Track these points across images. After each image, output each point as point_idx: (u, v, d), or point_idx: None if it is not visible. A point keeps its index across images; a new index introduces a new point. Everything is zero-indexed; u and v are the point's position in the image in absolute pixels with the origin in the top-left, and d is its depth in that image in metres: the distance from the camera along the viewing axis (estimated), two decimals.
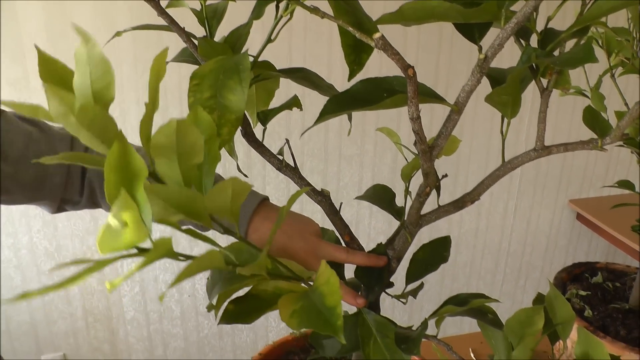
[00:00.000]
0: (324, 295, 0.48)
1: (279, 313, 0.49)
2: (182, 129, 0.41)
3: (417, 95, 0.46)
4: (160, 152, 0.42)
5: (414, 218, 0.63)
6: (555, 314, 0.72)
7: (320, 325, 0.45)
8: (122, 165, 0.38)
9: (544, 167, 2.15)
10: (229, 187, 0.42)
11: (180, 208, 0.42)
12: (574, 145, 0.55)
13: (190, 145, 0.42)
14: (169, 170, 0.43)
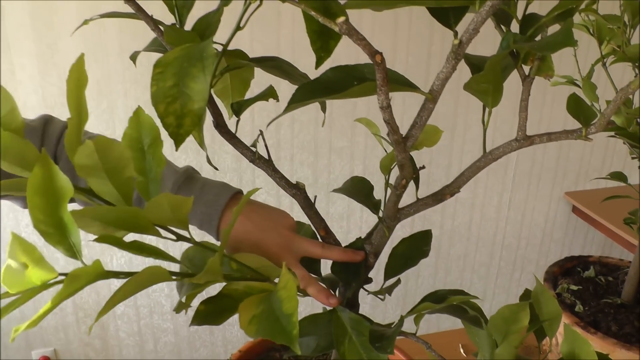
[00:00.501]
0: (282, 300, 0.45)
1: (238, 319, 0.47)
2: (101, 147, 0.39)
3: (386, 82, 0.44)
4: (87, 172, 0.41)
5: (391, 212, 0.61)
6: (541, 310, 0.70)
7: (277, 334, 0.43)
8: (45, 187, 0.37)
9: (539, 159, 2.12)
10: (163, 202, 0.40)
11: (120, 225, 0.41)
12: (557, 135, 0.52)
13: (115, 160, 0.41)
14: (103, 187, 0.42)
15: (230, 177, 1.86)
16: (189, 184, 0.68)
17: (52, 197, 0.37)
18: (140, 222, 0.42)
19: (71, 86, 0.40)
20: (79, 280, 0.35)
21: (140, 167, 0.48)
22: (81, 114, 0.41)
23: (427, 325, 2.29)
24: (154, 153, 0.48)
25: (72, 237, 0.38)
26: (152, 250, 0.43)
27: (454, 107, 1.95)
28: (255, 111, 1.80)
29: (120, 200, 0.43)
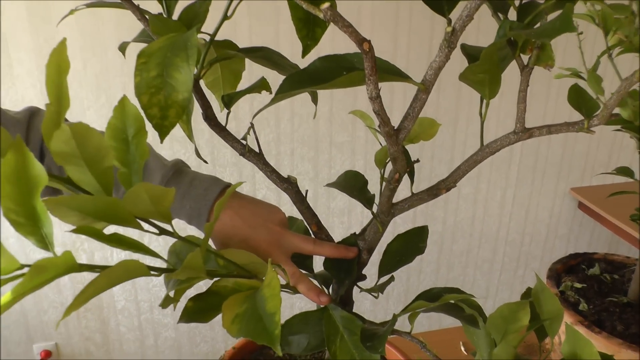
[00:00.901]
0: (265, 298, 0.44)
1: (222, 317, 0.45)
2: (79, 133, 0.37)
3: (375, 72, 0.42)
4: (65, 160, 0.39)
5: (385, 207, 0.59)
6: (542, 309, 0.68)
7: (258, 334, 0.42)
8: (18, 175, 0.35)
9: (544, 154, 2.10)
10: (142, 193, 0.38)
11: (99, 216, 0.39)
12: (558, 127, 0.50)
13: (94, 149, 0.39)
14: (82, 176, 0.40)
15: (230, 171, 1.84)
16: (178, 178, 0.66)
17: (24, 185, 0.35)
18: (120, 213, 0.40)
19: (51, 72, 0.39)
20: (46, 272, 0.33)
21: (123, 158, 0.46)
22: (62, 101, 0.40)
23: (429, 322, 2.27)
24: (137, 144, 0.46)
25: (45, 227, 0.37)
26: (131, 244, 0.41)
27: (456, 101, 1.92)
28: (254, 106, 1.78)
29: (99, 191, 0.41)
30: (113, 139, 0.46)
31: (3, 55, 1.57)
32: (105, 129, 0.46)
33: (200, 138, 1.78)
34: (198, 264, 0.44)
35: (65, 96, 0.39)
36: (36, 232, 0.37)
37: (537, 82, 1.95)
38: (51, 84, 0.38)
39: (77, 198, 0.37)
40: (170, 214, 0.43)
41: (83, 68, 1.63)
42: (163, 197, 0.40)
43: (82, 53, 1.61)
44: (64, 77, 0.39)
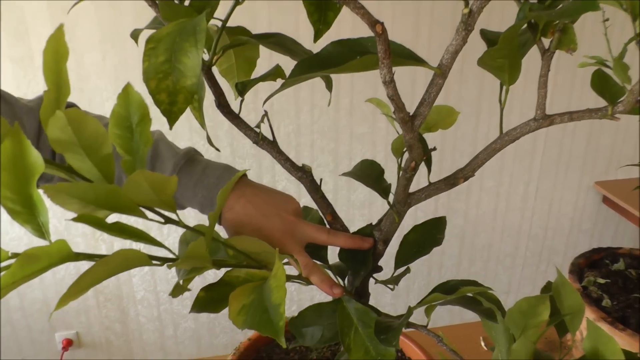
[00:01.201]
0: (271, 289, 0.43)
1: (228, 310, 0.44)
2: (74, 119, 0.37)
3: (388, 55, 0.40)
4: (63, 147, 0.38)
5: (401, 196, 0.57)
6: (562, 304, 0.65)
7: (263, 325, 0.41)
8: (15, 163, 0.35)
9: (568, 147, 2.05)
10: (141, 181, 0.37)
11: (101, 204, 0.38)
12: (580, 114, 0.48)
13: (92, 136, 0.39)
14: (81, 163, 0.39)
15: (249, 163, 1.84)
16: (190, 166, 0.65)
17: (21, 173, 0.35)
18: (122, 201, 0.39)
19: (48, 58, 0.38)
20: (38, 261, 0.32)
21: (128, 146, 0.45)
22: (61, 87, 0.39)
23: (450, 316, 2.25)
24: (141, 131, 0.45)
25: (41, 216, 0.36)
26: (133, 233, 0.41)
27: (478, 93, 1.89)
28: (274, 97, 1.77)
29: (100, 179, 0.41)
30: (117, 127, 0.45)
31: (24, 47, 1.58)
32: (109, 117, 0.45)
33: (220, 129, 1.77)
34: (202, 253, 0.43)
35: (65, 83, 0.38)
36: (32, 221, 0.36)
37: (561, 72, 1.90)
38: (49, 71, 0.37)
39: (77, 185, 0.36)
40: (174, 202, 0.42)
41: (102, 60, 1.63)
42: (165, 185, 0.39)
43: (101, 45, 1.62)
44: (62, 64, 0.38)
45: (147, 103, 0.46)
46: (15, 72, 1.60)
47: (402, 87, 1.78)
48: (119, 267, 0.37)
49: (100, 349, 2.02)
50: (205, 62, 0.58)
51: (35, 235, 0.36)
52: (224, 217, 0.62)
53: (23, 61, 1.59)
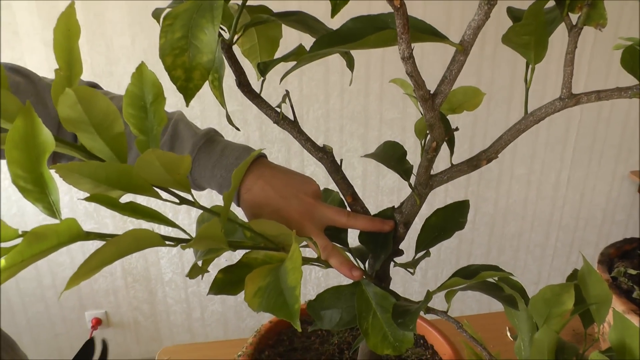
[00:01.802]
0: (287, 271, 0.42)
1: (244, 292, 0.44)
2: (84, 98, 0.36)
3: (407, 30, 0.39)
4: (74, 126, 0.38)
5: (423, 178, 0.56)
6: (588, 293, 0.64)
7: (278, 308, 0.40)
8: (26, 141, 0.35)
9: (602, 135, 2.00)
10: (152, 159, 0.37)
11: (114, 183, 0.38)
12: (608, 93, 0.46)
13: (102, 114, 0.38)
14: (94, 142, 0.39)
15: (278, 147, 1.84)
16: (209, 147, 0.65)
17: (32, 151, 0.35)
18: (135, 181, 0.39)
19: (58, 36, 0.38)
20: (47, 240, 0.32)
21: (142, 126, 0.45)
22: (72, 66, 0.39)
23: (478, 306, 2.22)
24: (155, 111, 0.45)
25: (52, 194, 0.36)
26: (146, 213, 0.40)
27: (511, 79, 1.85)
28: (303, 81, 1.76)
29: (112, 158, 0.40)
30: (131, 107, 0.45)
31: None
32: (123, 97, 0.45)
33: (249, 113, 1.78)
34: (216, 233, 0.42)
35: (77, 61, 0.38)
36: (43, 199, 0.36)
37: (596, 58, 1.85)
38: (60, 49, 0.37)
39: (88, 164, 0.36)
40: (188, 182, 0.42)
41: (131, 43, 1.65)
42: (178, 164, 0.39)
43: (130, 28, 1.63)
44: (74, 42, 0.38)
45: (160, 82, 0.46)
46: (48, 54, 1.62)
47: (433, 70, 1.75)
48: (131, 247, 0.37)
49: (128, 328, 2.06)
50: (225, 41, 0.58)
51: (45, 214, 0.36)
52: (242, 198, 0.62)
53: None
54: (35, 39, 1.60)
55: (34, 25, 1.58)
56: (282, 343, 0.83)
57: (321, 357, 0.80)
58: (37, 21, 1.58)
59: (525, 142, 1.96)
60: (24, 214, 1.80)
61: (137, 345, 2.09)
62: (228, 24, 0.58)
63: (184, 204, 0.44)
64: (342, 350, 0.81)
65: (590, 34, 1.82)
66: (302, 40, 0.68)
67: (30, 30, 1.59)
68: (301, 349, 0.82)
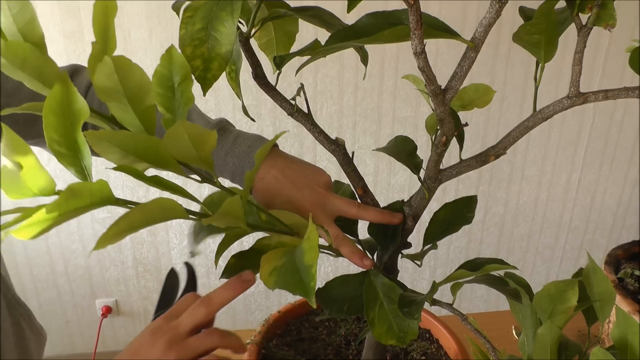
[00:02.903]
0: (303, 251, 0.44)
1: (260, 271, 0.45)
2: (121, 67, 0.38)
3: (420, 26, 0.40)
4: (108, 96, 0.39)
5: (432, 172, 0.57)
6: (592, 290, 0.64)
7: (294, 285, 0.42)
8: (62, 108, 0.37)
9: (614, 138, 1.99)
10: (182, 132, 0.38)
11: (141, 155, 0.39)
12: (616, 93, 0.47)
13: (136, 85, 0.39)
14: (125, 114, 0.40)
15: (291, 142, 1.86)
16: (222, 136, 0.66)
17: (68, 118, 0.37)
18: (161, 155, 0.40)
19: (97, 12, 0.39)
20: (81, 197, 0.34)
21: (169, 105, 0.46)
22: (107, 41, 0.40)
23: (485, 306, 2.23)
24: (183, 91, 0.46)
25: (85, 159, 0.38)
26: (170, 186, 0.42)
27: (525, 79, 1.85)
28: (318, 77, 1.78)
29: (141, 130, 0.42)
30: (159, 86, 0.46)
31: (76, 22, 1.63)
32: (152, 77, 0.46)
33: (263, 108, 1.79)
34: (237, 211, 0.44)
35: (112, 37, 0.39)
36: (77, 164, 0.38)
37: (611, 60, 1.85)
38: (97, 24, 0.38)
39: (119, 134, 0.37)
40: (211, 159, 0.43)
41: (149, 36, 1.67)
42: (205, 139, 0.40)
43: (148, 22, 1.65)
44: (111, 19, 0.39)
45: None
46: (67, 45, 1.65)
47: (447, 69, 1.76)
48: (156, 217, 0.39)
49: (137, 318, 2.08)
50: (243, 34, 0.59)
51: (78, 178, 0.38)
52: (255, 187, 0.63)
53: (74, 35, 1.64)
54: (55, 30, 1.62)
55: (54, 17, 1.61)
56: (290, 333, 0.85)
57: (328, 347, 0.81)
58: (57, 13, 1.61)
59: (537, 144, 1.96)
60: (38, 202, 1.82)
61: None
62: (246, 18, 0.59)
63: (205, 182, 0.46)
64: (349, 342, 0.82)
65: (605, 36, 1.82)
66: (318, 35, 0.70)
67: (50, 21, 1.61)
68: (308, 339, 0.83)
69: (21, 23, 0.37)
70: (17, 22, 0.37)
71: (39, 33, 0.38)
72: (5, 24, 0.37)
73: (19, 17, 0.37)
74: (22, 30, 0.37)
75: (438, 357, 0.80)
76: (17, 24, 0.37)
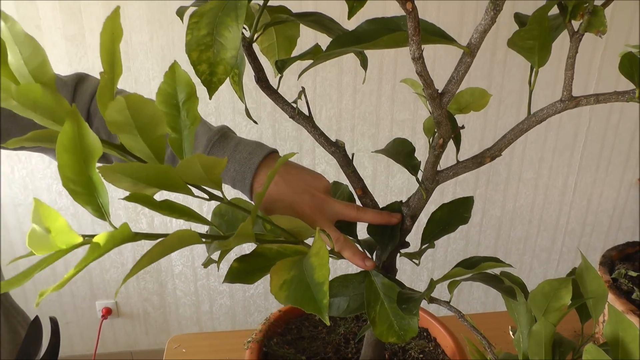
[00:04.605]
0: (313, 267, 0.45)
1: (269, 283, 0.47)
2: (133, 104, 0.38)
3: (418, 32, 0.42)
4: (118, 128, 0.40)
5: (429, 173, 0.59)
6: (585, 289, 0.66)
7: (306, 302, 0.43)
8: (75, 145, 0.36)
9: (610, 141, 2.02)
10: (196, 163, 0.39)
11: (151, 182, 0.40)
12: (607, 97, 0.49)
13: (148, 118, 0.40)
14: (135, 143, 0.41)
15: (290, 145, 1.87)
16: (223, 142, 0.67)
17: (81, 155, 0.36)
18: (172, 180, 0.41)
19: (105, 39, 0.39)
20: (105, 247, 0.34)
21: (174, 124, 0.47)
22: (115, 68, 0.40)
23: (483, 308, 2.24)
24: (188, 109, 0.47)
25: (101, 197, 0.37)
26: (183, 211, 0.43)
27: (521, 83, 1.87)
28: (317, 81, 1.80)
29: (151, 158, 0.43)
30: (164, 105, 0.47)
31: (77, 25, 1.64)
32: (156, 95, 0.47)
33: (263, 111, 1.81)
34: (249, 231, 0.45)
35: (118, 63, 0.40)
36: (93, 202, 0.38)
37: (606, 65, 1.87)
38: (105, 51, 0.38)
39: (131, 166, 0.38)
40: (221, 180, 0.44)
41: (150, 40, 1.68)
42: (215, 166, 0.41)
43: (149, 25, 1.67)
44: (117, 45, 0.40)
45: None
46: (68, 49, 1.66)
47: (444, 73, 1.78)
48: (174, 246, 0.40)
49: (137, 319, 2.09)
50: (246, 39, 0.61)
51: (95, 216, 0.38)
52: (255, 192, 0.65)
53: (75, 39, 1.66)
54: (57, 34, 1.64)
55: (56, 20, 1.63)
56: (290, 332, 0.86)
57: (327, 346, 0.83)
58: (59, 16, 1.62)
59: (534, 147, 1.98)
60: None
61: (146, 336, 2.13)
62: (249, 23, 0.61)
63: (213, 199, 0.47)
64: (348, 340, 0.84)
65: (601, 41, 1.85)
66: (317, 39, 0.71)
67: (52, 24, 1.63)
68: (308, 338, 0.85)
69: (33, 65, 0.37)
70: (28, 64, 0.37)
71: (50, 74, 0.38)
72: (16, 65, 0.37)
73: (30, 60, 0.37)
74: (33, 72, 0.37)
75: (435, 355, 0.82)
76: (29, 66, 0.37)
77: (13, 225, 1.87)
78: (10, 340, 0.77)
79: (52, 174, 1.79)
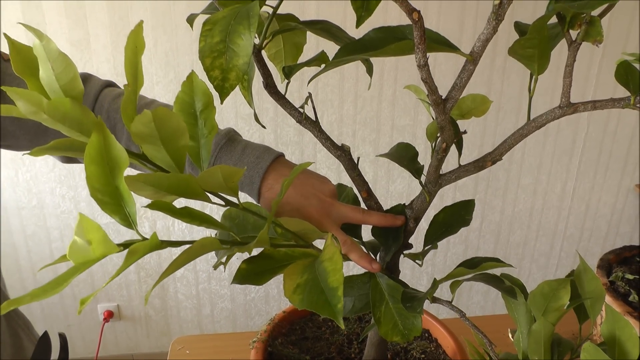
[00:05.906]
0: (327, 272, 0.46)
1: (282, 286, 0.48)
2: (159, 117, 0.39)
3: (423, 40, 0.44)
4: (143, 140, 0.41)
5: (432, 176, 0.61)
6: (583, 289, 0.68)
7: (321, 307, 0.44)
8: (101, 156, 0.37)
9: (608, 147, 2.04)
10: (217, 172, 0.41)
11: (172, 190, 0.41)
12: (603, 103, 0.51)
13: (172, 130, 0.41)
14: (157, 153, 0.42)
15: (291, 150, 1.89)
16: (231, 146, 0.69)
17: (108, 166, 0.37)
18: (192, 188, 0.43)
19: (129, 53, 0.41)
20: (137, 253, 0.36)
21: (192, 133, 0.49)
22: (137, 80, 0.42)
23: (482, 311, 2.26)
24: (206, 118, 0.48)
25: (128, 206, 0.38)
26: (202, 218, 0.44)
27: (520, 89, 1.90)
28: (319, 87, 1.82)
29: (172, 167, 0.44)
30: (182, 113, 0.48)
31: (83, 31, 1.66)
32: (174, 103, 0.48)
33: (265, 116, 1.83)
34: (266, 239, 0.47)
35: (140, 74, 0.42)
36: (120, 211, 0.39)
37: (604, 73, 1.90)
38: (129, 64, 0.40)
39: (155, 176, 0.39)
40: (237, 188, 0.46)
41: (154, 45, 1.71)
42: (234, 175, 0.43)
43: (153, 31, 1.69)
44: (139, 57, 0.41)
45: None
46: (73, 54, 1.68)
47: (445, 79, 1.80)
48: (197, 253, 0.41)
49: (139, 322, 2.11)
50: (255, 46, 0.63)
51: (122, 225, 0.39)
52: (263, 196, 0.66)
53: (80, 44, 1.68)
54: (62, 39, 1.66)
55: (61, 25, 1.65)
56: (294, 332, 0.88)
57: (331, 346, 0.84)
58: (65, 21, 1.64)
59: (533, 153, 2.00)
60: (43, 207, 1.86)
61: (147, 339, 2.14)
62: (258, 30, 0.63)
63: (228, 205, 0.49)
64: (351, 340, 0.86)
65: (598, 49, 1.87)
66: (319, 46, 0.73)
67: (57, 29, 1.65)
68: (312, 338, 0.87)
69: (64, 80, 0.39)
70: (59, 80, 0.39)
71: (79, 88, 0.39)
72: (47, 80, 0.38)
73: (62, 75, 0.38)
74: (64, 87, 0.39)
75: (437, 355, 0.83)
76: (60, 81, 0.39)
77: (16, 228, 1.88)
78: (11, 344, 0.79)
79: (55, 178, 1.81)
